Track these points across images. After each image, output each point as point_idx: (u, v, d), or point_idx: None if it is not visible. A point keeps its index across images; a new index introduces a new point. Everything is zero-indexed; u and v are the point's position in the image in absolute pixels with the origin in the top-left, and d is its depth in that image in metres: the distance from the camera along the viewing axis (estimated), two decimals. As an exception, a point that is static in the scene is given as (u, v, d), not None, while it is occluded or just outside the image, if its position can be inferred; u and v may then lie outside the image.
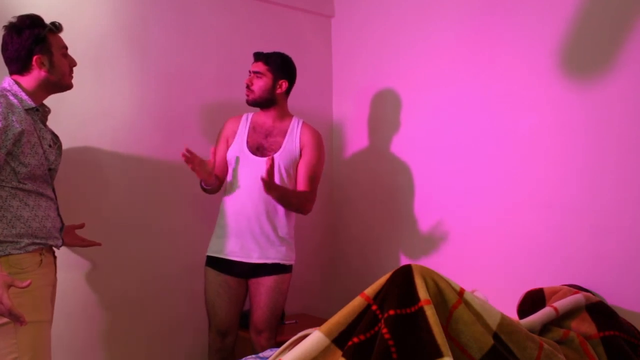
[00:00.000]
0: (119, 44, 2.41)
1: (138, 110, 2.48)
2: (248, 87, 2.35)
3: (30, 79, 1.82)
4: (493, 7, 2.38)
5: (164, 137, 2.55)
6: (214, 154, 2.25)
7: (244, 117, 2.44)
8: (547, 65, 2.19)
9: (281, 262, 2.34)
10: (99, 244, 2.23)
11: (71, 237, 2.14)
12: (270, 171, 2.15)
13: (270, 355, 1.73)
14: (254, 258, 2.31)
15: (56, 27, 1.86)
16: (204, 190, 2.40)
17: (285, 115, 2.43)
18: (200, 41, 2.66)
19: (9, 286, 1.48)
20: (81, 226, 2.18)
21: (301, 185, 2.38)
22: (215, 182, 2.35)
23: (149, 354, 2.53)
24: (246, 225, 2.30)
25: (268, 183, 2.15)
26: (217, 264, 2.34)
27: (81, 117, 2.30)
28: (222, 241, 2.34)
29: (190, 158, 2.16)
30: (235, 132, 2.40)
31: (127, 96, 2.45)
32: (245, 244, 2.30)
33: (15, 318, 1.46)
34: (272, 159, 2.15)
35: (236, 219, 2.31)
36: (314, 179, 2.40)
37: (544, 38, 2.20)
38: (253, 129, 2.39)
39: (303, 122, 2.43)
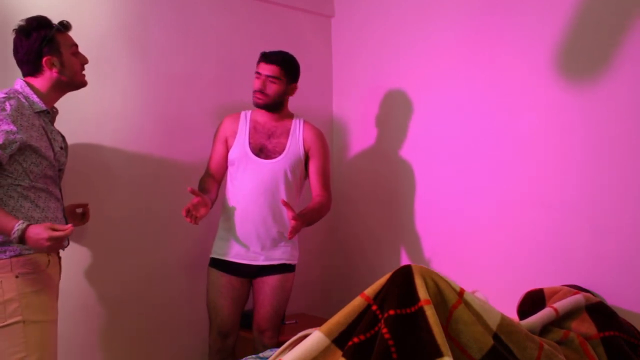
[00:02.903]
0: (119, 44, 2.41)
1: (138, 110, 2.47)
2: (261, 91, 2.28)
3: (43, 80, 1.83)
4: (493, 7, 2.38)
5: (164, 137, 2.55)
6: (193, 191, 2.12)
7: (242, 116, 2.40)
8: (547, 65, 2.19)
9: (286, 262, 2.35)
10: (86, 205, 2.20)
11: (72, 217, 2.13)
12: (293, 214, 2.12)
13: (271, 356, 1.73)
14: (260, 261, 2.32)
15: (64, 26, 1.86)
16: None
17: (286, 114, 2.40)
18: (200, 41, 2.66)
19: (51, 228, 1.62)
20: (83, 205, 2.15)
21: (316, 190, 2.40)
22: (214, 196, 2.33)
23: (149, 354, 2.52)
24: (251, 229, 2.29)
25: (297, 228, 2.14)
26: (221, 264, 2.34)
27: (81, 117, 2.30)
28: (226, 244, 2.33)
29: (192, 216, 2.11)
30: (235, 132, 2.36)
31: (127, 96, 2.44)
32: (251, 247, 2.30)
33: (70, 230, 1.62)
34: (286, 202, 2.14)
35: (240, 222, 2.30)
36: (326, 181, 2.42)
37: (544, 38, 2.20)
38: (254, 128, 2.36)
39: (304, 122, 2.41)
